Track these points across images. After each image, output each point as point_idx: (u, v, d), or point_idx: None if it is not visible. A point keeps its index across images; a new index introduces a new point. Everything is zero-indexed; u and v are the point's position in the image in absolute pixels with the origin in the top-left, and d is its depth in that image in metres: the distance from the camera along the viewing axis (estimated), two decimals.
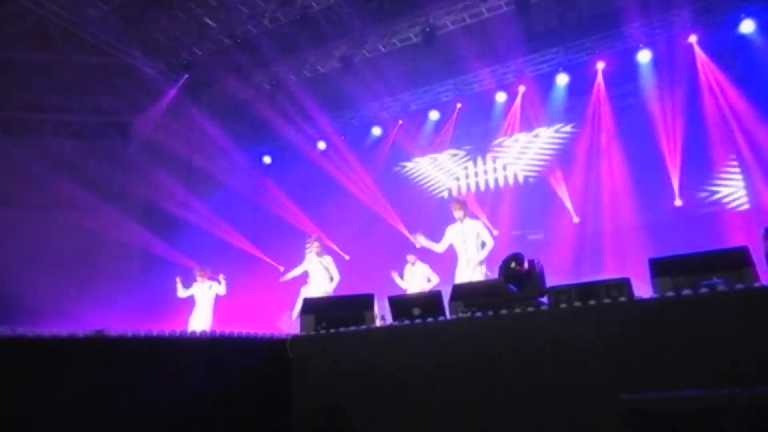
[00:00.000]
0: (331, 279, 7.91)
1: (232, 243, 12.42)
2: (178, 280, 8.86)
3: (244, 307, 10.36)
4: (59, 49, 10.89)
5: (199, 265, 9.18)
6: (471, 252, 6.75)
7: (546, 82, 10.83)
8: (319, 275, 7.92)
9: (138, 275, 11.48)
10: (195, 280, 8.93)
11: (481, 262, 6.71)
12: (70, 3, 9.56)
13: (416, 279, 8.51)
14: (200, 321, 8.63)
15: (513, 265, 4.30)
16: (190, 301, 8.96)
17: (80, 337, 3.78)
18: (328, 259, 8.09)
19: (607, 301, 3.78)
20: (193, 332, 4.52)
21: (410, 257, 8.70)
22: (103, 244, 11.25)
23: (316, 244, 8.04)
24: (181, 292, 8.84)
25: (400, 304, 4.69)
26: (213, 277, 9.01)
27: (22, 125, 11.48)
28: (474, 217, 7.72)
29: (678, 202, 9.58)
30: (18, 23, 10.03)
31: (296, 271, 8.30)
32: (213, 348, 4.48)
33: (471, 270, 6.64)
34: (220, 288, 8.82)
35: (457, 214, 6.96)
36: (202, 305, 8.80)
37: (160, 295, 9.97)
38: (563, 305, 3.90)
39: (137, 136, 11.93)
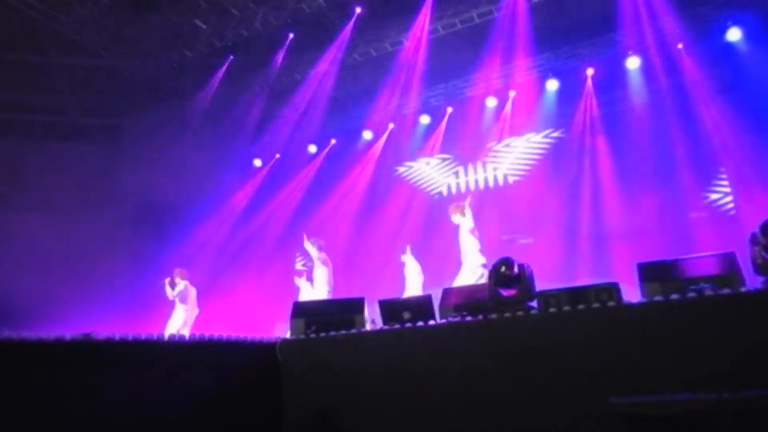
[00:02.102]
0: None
1: (224, 245, 12.34)
2: (166, 282, 8.79)
3: (235, 309, 10.30)
4: (49, 51, 10.80)
5: (180, 268, 9.06)
6: (468, 255, 6.92)
7: (536, 88, 10.89)
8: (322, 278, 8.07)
9: (128, 277, 11.36)
10: (176, 283, 8.83)
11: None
12: (59, 4, 9.48)
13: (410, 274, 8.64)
14: (176, 324, 8.55)
15: (503, 269, 4.31)
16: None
17: (67, 341, 3.74)
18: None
19: (596, 305, 3.80)
20: (182, 336, 4.49)
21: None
22: (94, 246, 11.14)
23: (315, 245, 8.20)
24: (170, 294, 8.76)
25: (391, 308, 4.69)
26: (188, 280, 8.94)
27: (12, 126, 11.36)
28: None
29: (666, 208, 9.65)
30: (7, 24, 9.93)
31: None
32: (201, 351, 4.45)
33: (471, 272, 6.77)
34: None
35: (456, 219, 7.24)
36: (179, 308, 8.72)
37: (151, 296, 9.89)
38: (553, 309, 3.92)
39: (127, 137, 11.83)
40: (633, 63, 9.96)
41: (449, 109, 11.78)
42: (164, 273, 8.99)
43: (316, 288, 8.21)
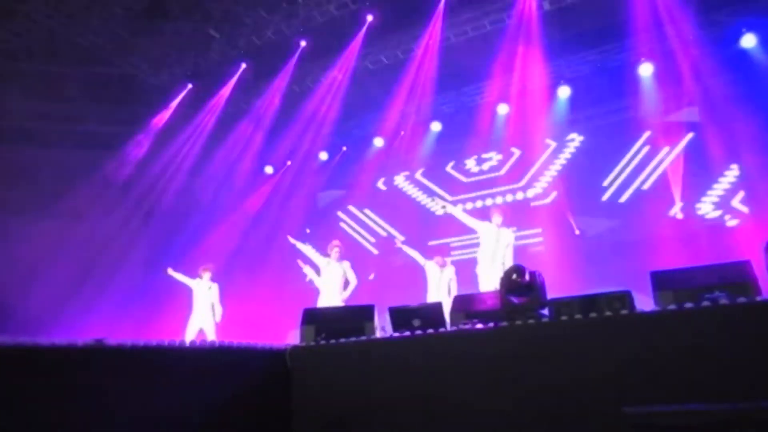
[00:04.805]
0: (347, 283, 7.91)
1: (235, 251, 12.39)
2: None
3: (246, 316, 10.33)
4: (65, 60, 10.98)
5: (205, 263, 8.91)
6: (497, 257, 6.96)
7: (548, 95, 10.85)
8: (337, 279, 7.92)
9: (140, 282, 11.46)
10: (197, 276, 8.69)
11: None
12: (76, 14, 9.65)
13: (443, 284, 8.04)
14: (201, 323, 8.39)
15: (514, 277, 4.29)
16: (189, 305, 8.75)
17: (79, 347, 3.77)
18: (346, 264, 8.04)
19: (608, 313, 3.76)
20: (193, 342, 4.52)
21: (438, 259, 8.20)
22: (106, 252, 11.26)
23: (335, 249, 8.06)
24: (180, 277, 8.70)
25: (401, 315, 4.67)
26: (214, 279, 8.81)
27: (29, 134, 11.56)
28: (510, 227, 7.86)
29: (680, 215, 9.56)
30: (25, 35, 10.14)
31: (316, 278, 8.12)
32: (211, 359, 4.46)
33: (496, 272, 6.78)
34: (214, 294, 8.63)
35: (496, 219, 7.34)
36: (201, 306, 8.52)
37: (162, 302, 9.95)
38: (564, 318, 3.89)
39: (141, 145, 11.98)
40: (646, 69, 9.88)
41: (460, 116, 11.75)
42: (176, 280, 8.99)
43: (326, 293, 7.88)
